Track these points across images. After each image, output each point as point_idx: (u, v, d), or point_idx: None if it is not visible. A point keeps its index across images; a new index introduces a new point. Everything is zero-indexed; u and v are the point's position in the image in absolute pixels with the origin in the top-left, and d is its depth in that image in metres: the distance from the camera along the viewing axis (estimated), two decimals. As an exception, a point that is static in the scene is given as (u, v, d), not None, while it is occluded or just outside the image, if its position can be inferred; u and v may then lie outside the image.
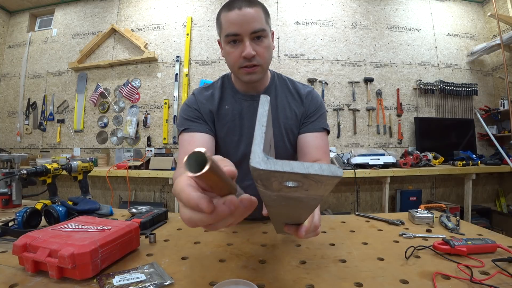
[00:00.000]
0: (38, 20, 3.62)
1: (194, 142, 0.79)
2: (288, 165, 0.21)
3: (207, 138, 0.82)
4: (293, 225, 0.42)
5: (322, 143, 0.86)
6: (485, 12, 3.38)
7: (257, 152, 0.22)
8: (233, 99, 0.86)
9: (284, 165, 0.21)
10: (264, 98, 0.29)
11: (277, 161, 0.21)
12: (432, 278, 0.50)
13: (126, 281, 0.47)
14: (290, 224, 0.42)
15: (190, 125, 0.82)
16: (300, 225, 0.42)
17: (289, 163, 0.21)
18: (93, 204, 0.91)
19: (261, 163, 0.21)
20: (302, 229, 0.41)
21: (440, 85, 3.14)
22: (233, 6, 0.72)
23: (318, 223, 0.47)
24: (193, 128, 0.82)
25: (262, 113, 0.26)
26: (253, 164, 0.21)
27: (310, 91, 0.91)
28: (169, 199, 2.99)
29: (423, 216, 0.85)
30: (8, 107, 3.49)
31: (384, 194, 2.59)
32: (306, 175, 0.21)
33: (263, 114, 0.26)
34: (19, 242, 0.50)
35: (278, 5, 3.17)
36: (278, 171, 0.21)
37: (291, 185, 0.23)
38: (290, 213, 0.37)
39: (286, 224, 0.42)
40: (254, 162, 0.21)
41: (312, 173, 0.21)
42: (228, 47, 0.76)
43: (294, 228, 0.42)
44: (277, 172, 0.21)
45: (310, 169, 0.21)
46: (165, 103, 3.07)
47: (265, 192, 0.26)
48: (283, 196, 0.27)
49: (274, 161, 0.21)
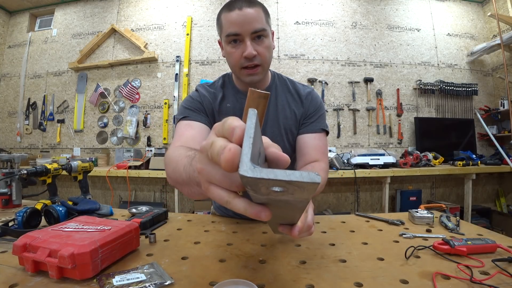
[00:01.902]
0: (38, 20, 3.62)
1: (192, 129, 0.78)
2: (272, 173, 0.23)
3: (205, 128, 0.80)
4: (287, 225, 0.44)
5: (321, 143, 0.86)
6: (485, 12, 3.38)
7: (244, 161, 0.24)
8: (235, 98, 0.87)
9: (268, 173, 0.23)
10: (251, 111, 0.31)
11: (262, 169, 0.24)
12: (432, 278, 0.50)
13: (126, 281, 0.47)
14: (284, 225, 0.44)
15: (190, 114, 0.81)
16: (294, 225, 0.44)
17: (273, 171, 0.24)
18: (93, 204, 0.91)
19: (248, 171, 0.23)
20: (296, 229, 0.43)
21: (440, 85, 3.14)
22: (234, 7, 0.72)
23: (311, 223, 0.49)
24: (192, 117, 0.81)
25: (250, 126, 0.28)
26: (241, 172, 0.23)
27: (310, 91, 0.91)
28: (169, 199, 2.99)
29: (423, 216, 0.85)
30: (8, 107, 3.49)
31: (384, 194, 2.59)
32: (288, 182, 0.24)
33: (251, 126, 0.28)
34: (19, 242, 0.50)
35: (278, 5, 3.17)
36: (263, 178, 0.23)
37: (277, 189, 0.26)
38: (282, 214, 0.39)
39: (281, 225, 0.44)
40: (242, 171, 0.23)
41: (293, 180, 0.23)
42: (229, 47, 0.76)
43: (288, 228, 0.44)
44: (262, 179, 0.23)
45: (292, 176, 0.23)
46: (165, 103, 3.07)
47: (256, 196, 0.29)
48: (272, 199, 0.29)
49: (260, 169, 0.24)
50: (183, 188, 0.52)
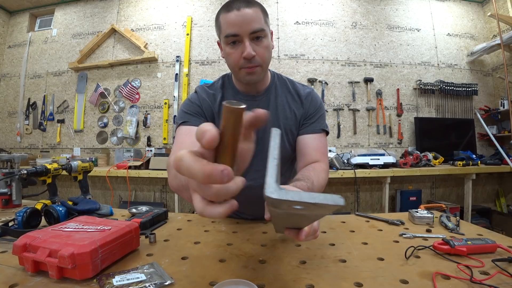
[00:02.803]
0: (38, 20, 3.62)
1: (191, 136, 0.78)
2: (298, 195, 0.24)
3: None
4: (294, 229, 0.44)
5: (321, 144, 0.86)
6: (485, 12, 3.38)
7: (270, 183, 0.25)
8: (234, 99, 0.87)
9: (294, 195, 0.24)
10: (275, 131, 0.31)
11: (288, 191, 0.24)
12: (432, 278, 0.50)
13: (126, 281, 0.47)
14: (290, 229, 0.44)
15: (190, 119, 0.81)
16: (301, 229, 0.44)
17: (298, 193, 0.24)
18: (93, 204, 0.91)
19: (274, 192, 0.24)
20: (302, 233, 0.43)
21: (440, 85, 3.14)
22: (232, 7, 0.72)
23: (317, 227, 0.49)
24: (192, 122, 0.81)
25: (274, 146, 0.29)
26: (267, 194, 0.24)
27: (310, 92, 0.91)
28: (169, 199, 2.99)
29: (423, 216, 0.85)
30: (8, 107, 3.49)
31: (384, 194, 2.59)
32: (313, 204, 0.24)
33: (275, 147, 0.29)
34: (19, 242, 0.50)
35: (278, 5, 3.17)
36: (288, 200, 0.24)
37: (298, 207, 0.26)
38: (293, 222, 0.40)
39: (287, 228, 0.45)
40: (268, 192, 0.24)
41: (318, 202, 0.24)
42: (228, 48, 0.76)
43: (295, 232, 0.44)
44: (287, 200, 0.24)
45: (317, 199, 0.24)
46: (165, 103, 3.07)
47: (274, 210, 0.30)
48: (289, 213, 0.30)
49: (285, 191, 0.24)
50: (183, 193, 0.55)
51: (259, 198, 0.33)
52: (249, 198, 0.88)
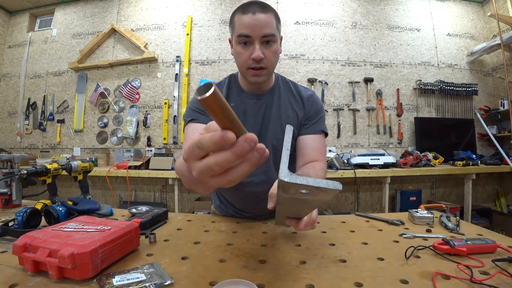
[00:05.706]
0: (38, 20, 3.62)
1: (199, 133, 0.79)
2: (305, 180, 0.30)
3: None
4: (294, 219, 0.49)
5: (320, 145, 0.89)
6: (485, 12, 3.38)
7: (283, 169, 0.31)
8: (239, 98, 0.90)
9: (302, 180, 0.30)
10: (288, 127, 0.38)
11: (297, 176, 0.30)
12: (432, 278, 0.50)
13: (126, 281, 0.47)
14: (291, 218, 0.49)
15: (198, 116, 0.85)
16: (300, 219, 0.48)
17: (305, 178, 0.30)
18: (93, 204, 0.91)
19: (286, 177, 0.30)
20: (302, 222, 0.48)
21: (440, 85, 3.14)
22: (248, 10, 0.76)
23: (316, 218, 0.54)
24: (200, 120, 0.84)
25: (287, 140, 0.36)
26: (281, 178, 0.30)
27: (311, 94, 0.95)
28: (169, 199, 2.99)
29: (423, 216, 0.85)
30: (8, 107, 3.49)
31: (384, 194, 2.59)
32: (317, 188, 0.30)
33: (288, 140, 0.36)
34: (19, 242, 0.50)
35: (278, 5, 3.17)
36: (297, 183, 0.30)
37: (304, 191, 0.32)
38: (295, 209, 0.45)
39: (288, 218, 0.49)
40: (281, 176, 0.30)
41: (321, 186, 0.30)
42: (239, 47, 0.80)
43: (295, 221, 0.48)
44: (296, 184, 0.30)
45: (320, 183, 0.30)
46: (165, 103, 3.07)
47: (283, 194, 0.35)
48: (295, 198, 0.35)
49: (295, 176, 0.30)
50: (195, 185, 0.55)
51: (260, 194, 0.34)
52: (250, 194, 0.89)
